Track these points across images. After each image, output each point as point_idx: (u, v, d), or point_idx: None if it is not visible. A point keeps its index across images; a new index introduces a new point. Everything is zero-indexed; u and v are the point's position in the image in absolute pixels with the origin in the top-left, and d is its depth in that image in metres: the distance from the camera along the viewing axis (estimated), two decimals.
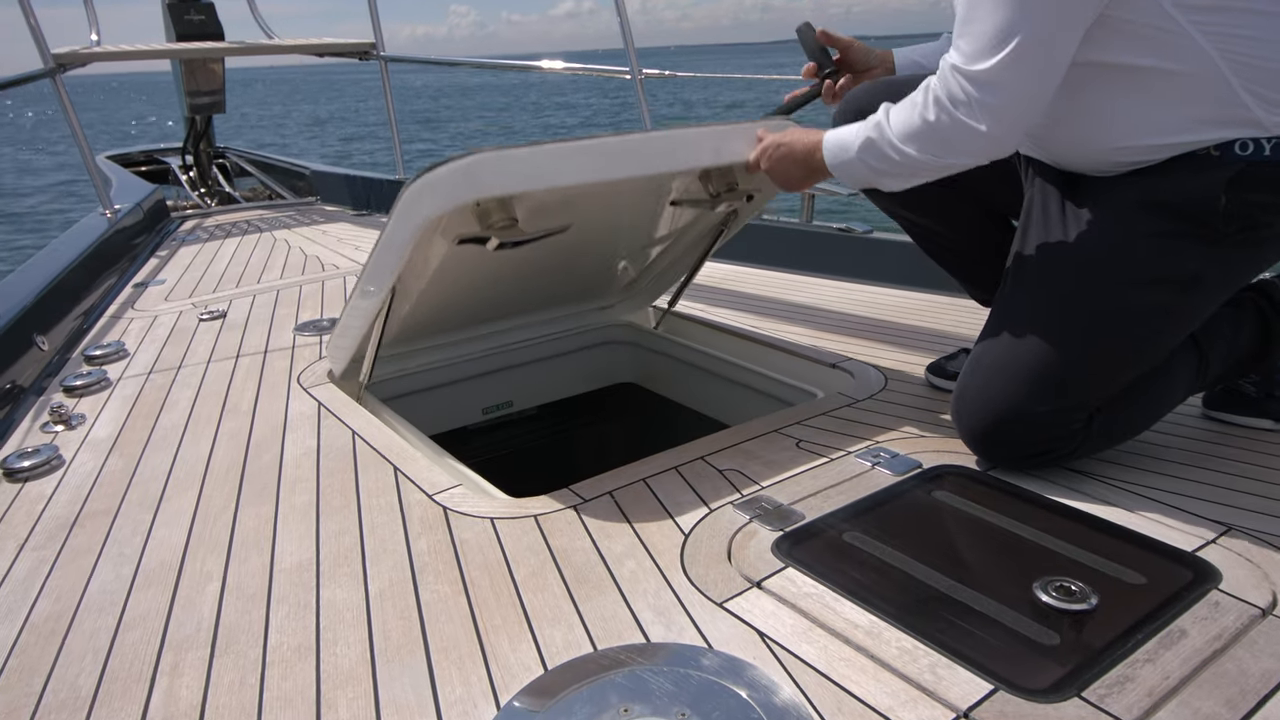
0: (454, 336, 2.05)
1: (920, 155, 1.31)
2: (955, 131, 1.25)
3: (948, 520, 1.26)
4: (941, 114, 1.25)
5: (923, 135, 1.29)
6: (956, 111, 1.24)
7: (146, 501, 1.39)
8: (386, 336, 1.86)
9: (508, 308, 2.08)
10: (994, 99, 1.21)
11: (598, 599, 1.09)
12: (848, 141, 1.40)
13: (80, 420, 1.72)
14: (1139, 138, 1.29)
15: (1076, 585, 1.06)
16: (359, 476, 1.44)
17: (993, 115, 1.22)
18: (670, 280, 2.19)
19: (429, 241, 1.52)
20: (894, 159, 1.33)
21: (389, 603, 1.10)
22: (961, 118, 1.24)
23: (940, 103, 1.25)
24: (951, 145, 1.28)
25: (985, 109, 1.22)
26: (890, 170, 1.36)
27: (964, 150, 1.28)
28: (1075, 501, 1.29)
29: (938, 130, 1.27)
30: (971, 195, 1.64)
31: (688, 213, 1.90)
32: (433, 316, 1.93)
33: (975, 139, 1.25)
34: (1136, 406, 1.39)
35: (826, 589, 1.09)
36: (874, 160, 1.36)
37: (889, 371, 1.84)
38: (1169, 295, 1.30)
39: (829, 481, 1.36)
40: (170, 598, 1.14)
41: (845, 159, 1.41)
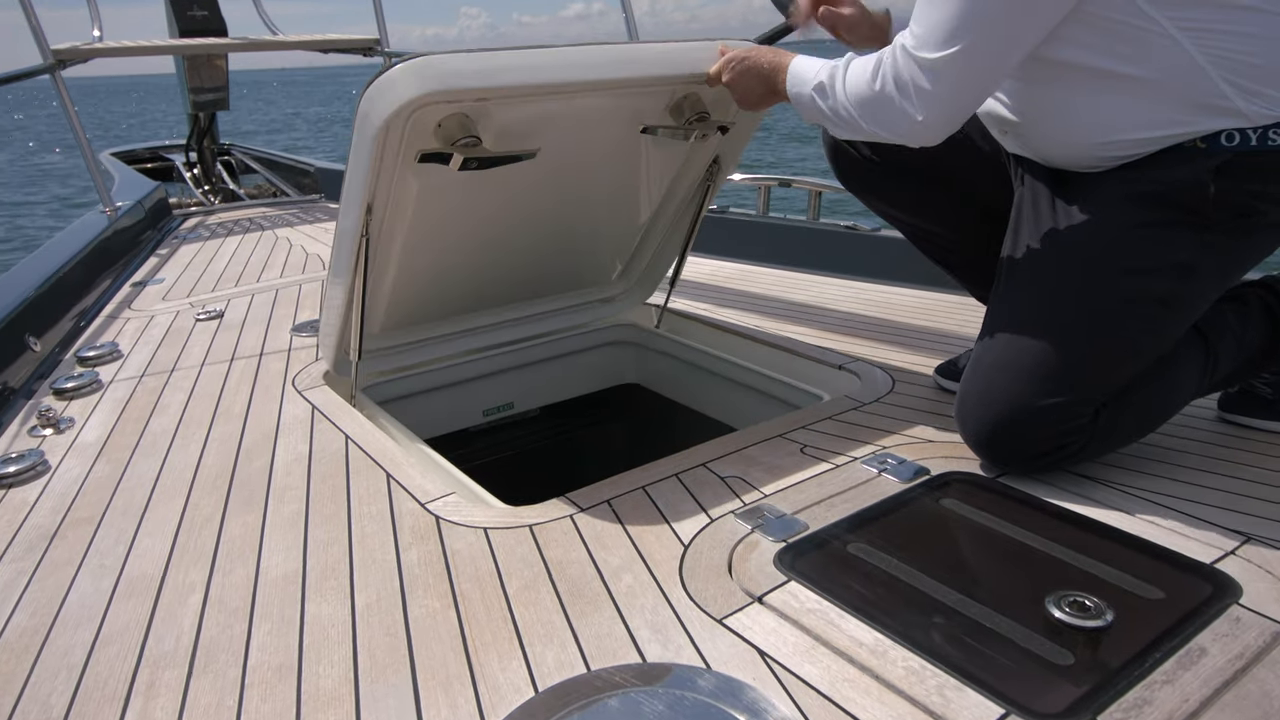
0: (447, 328, 1.99)
1: (858, 118, 1.33)
2: (891, 110, 1.28)
3: (956, 530, 1.22)
4: (885, 88, 1.28)
5: (865, 102, 1.31)
6: (896, 92, 1.26)
7: (131, 509, 1.36)
8: (376, 322, 1.83)
9: (501, 295, 2.03)
10: (935, 88, 1.23)
11: (592, 615, 1.05)
12: (806, 75, 1.42)
13: (69, 424, 1.69)
14: (1123, 133, 1.28)
15: (1091, 600, 1.02)
16: (350, 483, 1.40)
17: (929, 105, 1.25)
18: (666, 261, 2.14)
19: (394, 169, 1.48)
20: (838, 111, 1.36)
21: (375, 618, 1.06)
22: (899, 99, 1.26)
23: (885, 78, 1.28)
24: (884, 121, 1.30)
25: (923, 97, 1.25)
26: (832, 120, 1.39)
27: (895, 130, 1.31)
28: (1087, 509, 1.24)
29: (878, 102, 1.29)
30: (965, 195, 1.62)
31: (668, 162, 1.86)
32: (421, 301, 1.88)
33: (907, 123, 1.28)
34: (1144, 401, 1.35)
35: (830, 604, 1.04)
36: (822, 103, 1.39)
37: (896, 373, 1.79)
38: (1164, 285, 1.28)
39: (834, 489, 1.32)
40: (150, 611, 1.10)
41: (800, 91, 1.43)
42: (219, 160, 5.22)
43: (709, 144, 1.85)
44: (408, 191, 1.56)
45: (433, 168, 1.50)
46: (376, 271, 1.70)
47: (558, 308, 2.16)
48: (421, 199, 1.59)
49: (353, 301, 1.65)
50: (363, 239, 1.54)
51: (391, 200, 1.55)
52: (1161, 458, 1.39)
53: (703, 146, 1.85)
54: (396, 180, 1.52)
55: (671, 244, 2.10)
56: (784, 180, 3.54)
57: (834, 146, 1.69)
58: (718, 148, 1.88)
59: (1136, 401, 1.33)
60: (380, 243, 1.64)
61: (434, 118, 1.43)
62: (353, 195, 1.49)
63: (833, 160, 1.71)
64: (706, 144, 1.84)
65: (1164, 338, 1.31)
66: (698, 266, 2.78)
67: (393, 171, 1.49)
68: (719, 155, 1.89)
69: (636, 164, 1.85)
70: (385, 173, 1.47)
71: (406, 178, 1.53)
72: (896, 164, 1.60)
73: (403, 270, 1.76)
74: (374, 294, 1.76)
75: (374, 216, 1.54)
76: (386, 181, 1.50)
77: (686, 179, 1.94)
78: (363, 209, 1.50)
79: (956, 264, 1.76)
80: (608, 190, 1.89)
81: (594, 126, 1.67)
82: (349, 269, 1.59)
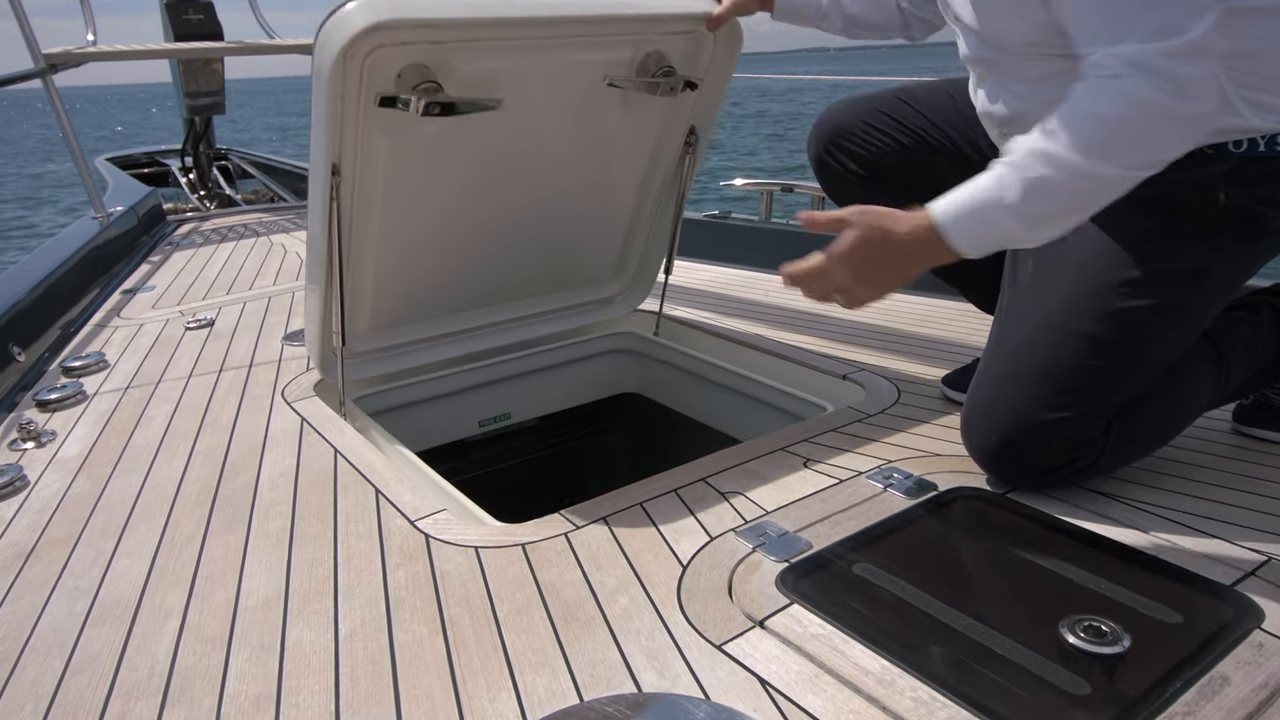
0: (438, 329, 1.95)
1: (1119, 170, 1.06)
2: (1170, 123, 1.04)
3: (965, 549, 1.17)
4: (1162, 103, 1.02)
5: (1134, 137, 1.05)
6: (1172, 98, 1.02)
7: (110, 528, 1.31)
8: (362, 320, 1.79)
9: (493, 292, 1.98)
10: (1203, 70, 1.02)
11: (586, 641, 1.00)
12: (985, 199, 1.10)
13: (50, 437, 1.65)
14: None
15: (1107, 625, 0.97)
16: (338, 500, 1.36)
17: (1209, 89, 1.03)
18: (658, 249, 2.10)
19: (357, 119, 1.45)
20: (1081, 188, 1.07)
21: (359, 644, 1.01)
22: (1175, 103, 1.02)
23: (1148, 95, 1.02)
24: (1171, 138, 1.06)
25: (1198, 84, 1.02)
26: (1064, 207, 1.10)
27: (1184, 139, 1.07)
28: (1100, 527, 1.20)
29: (1162, 122, 1.04)
30: None
31: (644, 130, 1.83)
32: (407, 298, 1.84)
33: (1198, 122, 1.06)
34: (1156, 414, 1.31)
35: (835, 629, 1.00)
36: (1046, 205, 1.09)
37: (901, 383, 1.75)
38: (1173, 293, 1.24)
39: (838, 506, 1.27)
40: (125, 637, 1.05)
41: (992, 220, 1.10)
42: (216, 165, 5.18)
43: (683, 109, 1.82)
44: (375, 153, 1.53)
45: (399, 124, 1.48)
46: (356, 258, 1.67)
47: (554, 308, 2.11)
48: (392, 164, 1.56)
49: (331, 281, 1.61)
50: (333, 203, 1.50)
51: (360, 164, 1.52)
52: (1176, 472, 1.34)
53: (677, 111, 1.82)
54: (362, 138, 1.49)
55: (661, 228, 2.06)
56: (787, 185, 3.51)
57: (820, 161, 1.65)
58: (692, 115, 1.85)
59: (1148, 414, 1.28)
60: (356, 222, 1.61)
61: (392, 64, 1.41)
62: (318, 156, 1.47)
63: (819, 174, 1.68)
64: (680, 108, 1.82)
65: (1174, 347, 1.27)
66: (699, 273, 2.74)
67: (356, 122, 1.46)
68: (695, 124, 1.86)
69: (612, 133, 1.81)
70: (349, 123, 1.45)
71: (373, 137, 1.50)
72: (885, 175, 1.56)
73: (384, 259, 1.72)
74: (356, 286, 1.72)
75: (343, 180, 1.50)
76: (351, 137, 1.47)
77: (666, 151, 1.91)
78: (328, 170, 1.47)
79: (955, 275, 1.73)
80: (587, 168, 1.85)
81: (560, 83, 1.64)
82: (322, 239, 1.56)
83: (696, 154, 1.91)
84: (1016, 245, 1.17)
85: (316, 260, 1.60)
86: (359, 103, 1.43)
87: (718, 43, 1.74)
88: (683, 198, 1.97)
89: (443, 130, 1.57)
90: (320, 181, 1.50)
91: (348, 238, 1.60)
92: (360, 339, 1.84)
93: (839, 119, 1.62)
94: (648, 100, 1.76)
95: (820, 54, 40.70)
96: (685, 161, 1.92)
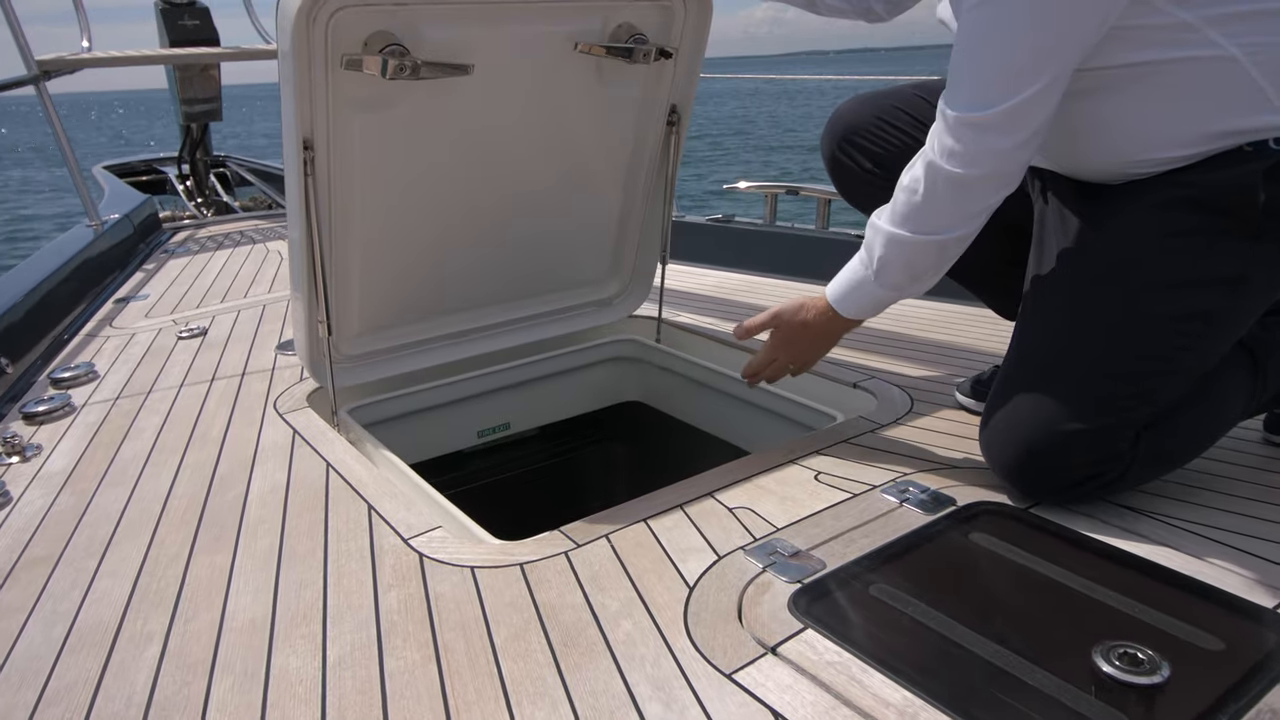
0: (431, 331, 1.89)
1: (926, 236, 1.24)
2: (965, 188, 1.19)
3: (988, 569, 1.11)
4: (941, 174, 1.18)
5: (934, 207, 1.21)
6: (956, 166, 1.17)
7: (92, 547, 1.25)
8: (351, 322, 1.75)
9: (485, 292, 1.93)
10: (1001, 142, 1.14)
11: (588, 668, 0.94)
12: (856, 279, 1.34)
13: (35, 451, 1.59)
14: (1168, 149, 1.18)
15: (1144, 653, 0.91)
16: (329, 517, 1.30)
17: (995, 160, 1.16)
18: (653, 242, 2.06)
19: (325, 87, 1.43)
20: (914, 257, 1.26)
21: (348, 673, 0.96)
22: (959, 171, 1.17)
23: (935, 167, 1.19)
24: (961, 199, 1.21)
25: (992, 153, 1.16)
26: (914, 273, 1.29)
27: (997, 189, 1.20)
28: (1130, 544, 1.14)
29: (950, 191, 1.19)
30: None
31: (624, 108, 1.81)
32: (396, 298, 1.79)
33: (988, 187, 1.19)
34: (1188, 425, 1.24)
35: (852, 656, 0.94)
36: (897, 275, 1.29)
37: (915, 391, 1.69)
38: (1209, 299, 1.17)
39: (852, 522, 1.21)
40: (103, 665, 1.00)
41: (866, 294, 1.34)
42: (214, 172, 5.13)
43: (661, 84, 1.81)
44: (349, 130, 1.50)
45: (370, 96, 1.48)
46: (339, 247, 1.63)
47: (552, 310, 2.06)
48: (367, 143, 1.53)
49: (313, 266, 1.56)
50: (307, 178, 1.47)
51: (334, 140, 1.49)
52: (1207, 485, 1.28)
53: (656, 87, 1.81)
54: (333, 112, 1.46)
55: (653, 220, 2.02)
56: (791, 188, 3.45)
57: (833, 159, 1.60)
58: (671, 91, 1.83)
59: (1179, 425, 1.22)
60: (336, 207, 1.57)
61: (357, 30, 1.40)
62: (289, 131, 1.44)
63: (833, 174, 1.62)
64: (659, 84, 1.80)
65: (1208, 355, 1.20)
66: (702, 278, 2.68)
67: (325, 92, 1.43)
68: (675, 103, 1.85)
69: (591, 112, 1.78)
70: (317, 93, 1.42)
71: (344, 111, 1.47)
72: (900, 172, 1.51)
73: (368, 253, 1.67)
74: (343, 282, 1.68)
75: (316, 155, 1.47)
76: (323, 109, 1.45)
77: (648, 132, 1.88)
78: (300, 144, 1.44)
79: (973, 279, 1.67)
80: (571, 153, 1.82)
81: (532, 55, 1.61)
82: (300, 218, 1.51)
83: (680, 134, 1.88)
84: (907, 295, 1.33)
85: (298, 247, 1.56)
86: (326, 69, 1.41)
87: (688, 12, 1.72)
88: (671, 182, 1.94)
89: (417, 106, 1.54)
90: (294, 158, 1.46)
91: (327, 223, 1.56)
92: (351, 341, 1.79)
93: (852, 116, 1.56)
94: (624, 73, 1.74)
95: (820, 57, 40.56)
96: (670, 142, 1.89)
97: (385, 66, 1.41)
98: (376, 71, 1.41)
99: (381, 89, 1.48)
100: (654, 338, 2.17)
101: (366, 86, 1.46)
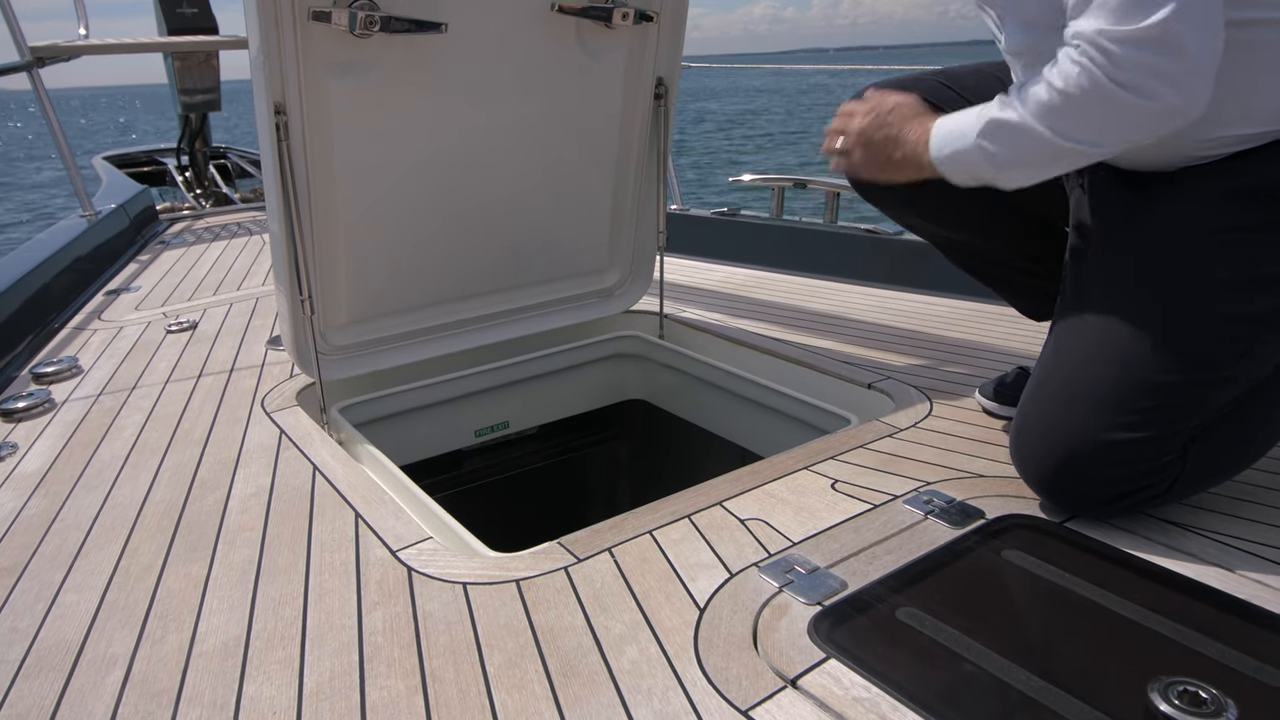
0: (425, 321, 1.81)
1: (1069, 142, 1.04)
2: (1127, 112, 0.99)
3: (1025, 591, 1.03)
4: (1105, 90, 0.98)
5: (1075, 111, 1.02)
6: (1123, 91, 0.98)
7: (60, 557, 1.17)
8: (339, 311, 1.68)
9: (480, 280, 1.86)
10: (1174, 60, 0.95)
11: (589, 701, 0.86)
12: (963, 126, 1.14)
13: (10, 451, 1.51)
14: (1241, 124, 1.07)
15: (1206, 691, 0.82)
16: (313, 525, 1.22)
17: (1177, 82, 0.96)
18: (649, 225, 2.00)
19: (294, 45, 1.39)
20: (1031, 140, 1.07)
21: (325, 703, 0.87)
22: (1133, 96, 0.98)
23: (1097, 79, 0.99)
24: (1126, 126, 1.02)
25: (1166, 77, 0.96)
26: (1021, 158, 1.10)
27: (1143, 128, 1.02)
28: (1178, 564, 1.05)
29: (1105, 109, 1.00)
30: (1002, 200, 1.40)
31: (609, 81, 1.77)
32: (386, 283, 1.72)
33: (1158, 114, 0.99)
34: (1240, 435, 1.16)
35: (881, 692, 0.85)
36: (1001, 145, 1.10)
37: (933, 393, 1.60)
38: (1267, 300, 1.08)
39: (874, 536, 1.13)
40: (60, 691, 0.92)
41: (960, 148, 1.14)
42: (214, 164, 5.05)
43: (645, 53, 1.78)
44: (323, 96, 1.46)
45: (342, 59, 1.45)
46: (321, 225, 1.57)
47: (550, 300, 1.97)
48: (342, 113, 1.49)
49: (293, 241, 1.50)
50: (282, 144, 1.42)
51: (307, 107, 1.45)
52: (1258, 499, 1.19)
53: (640, 56, 1.79)
54: (305, 77, 1.42)
55: (649, 205, 1.97)
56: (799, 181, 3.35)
57: None
58: (656, 62, 1.80)
59: (1230, 435, 1.13)
60: (314, 180, 1.51)
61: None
62: (260, 98, 1.40)
63: None
64: (643, 53, 1.78)
65: (1264, 361, 1.11)
66: (708, 273, 2.59)
67: (295, 52, 1.39)
68: (661, 75, 1.83)
69: (577, 83, 1.74)
70: (287, 54, 1.39)
71: (317, 75, 1.43)
72: None
73: (353, 233, 1.61)
74: (328, 265, 1.62)
75: (289, 121, 1.43)
76: (294, 73, 1.41)
77: (636, 104, 1.83)
78: (271, 110, 1.40)
79: (996, 277, 1.58)
80: (558, 126, 1.76)
81: (508, 17, 1.58)
82: (276, 190, 1.45)
83: (669, 109, 1.85)
84: (989, 182, 1.15)
85: (276, 220, 1.49)
86: (294, 25, 1.37)
87: None
88: (662, 160, 1.90)
89: (393, 71, 1.50)
90: (266, 122, 1.41)
91: (305, 196, 1.50)
92: (340, 331, 1.71)
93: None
94: (606, 38, 1.70)
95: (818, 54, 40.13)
96: (659, 117, 1.86)
97: (354, 20, 1.38)
98: (345, 25, 1.38)
99: (355, 51, 1.44)
100: (657, 333, 2.08)
101: (338, 46, 1.43)
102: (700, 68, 3.83)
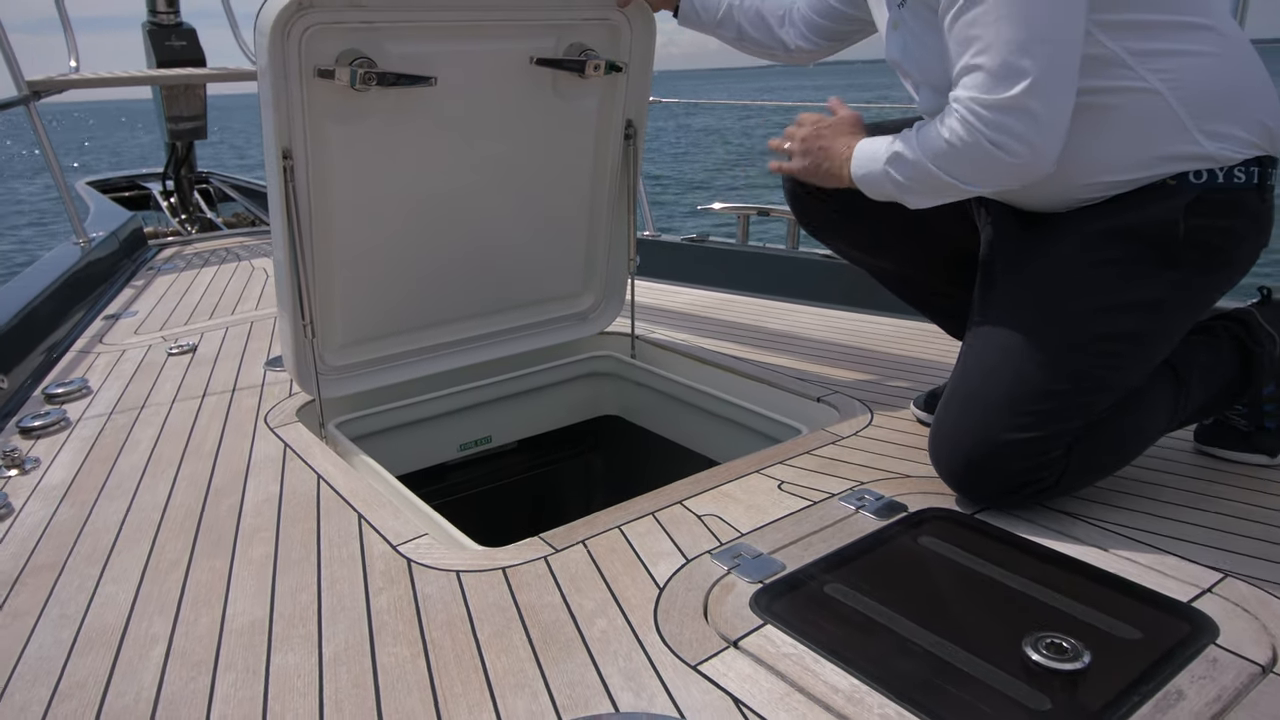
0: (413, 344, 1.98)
1: (949, 179, 1.28)
2: (994, 163, 1.22)
3: (934, 569, 1.21)
4: (978, 142, 1.21)
5: (953, 158, 1.25)
6: (992, 145, 1.21)
7: (95, 555, 1.33)
8: (334, 334, 1.85)
9: (465, 305, 2.03)
10: (1030, 124, 1.18)
11: (565, 662, 1.03)
12: (876, 151, 1.37)
13: (34, 464, 1.66)
14: (1110, 173, 1.29)
15: (1068, 642, 1.01)
16: (321, 525, 1.38)
17: (1033, 141, 1.19)
18: (622, 259, 2.19)
19: (300, 101, 1.57)
20: (925, 173, 1.30)
21: (343, 668, 1.04)
22: (997, 151, 1.21)
23: (975, 131, 1.21)
24: (989, 174, 1.25)
25: (1022, 137, 1.19)
26: (911, 188, 1.34)
27: (1005, 178, 1.26)
28: (1065, 546, 1.24)
29: (975, 159, 1.23)
30: (927, 235, 1.62)
31: (582, 124, 1.96)
32: (379, 311, 1.89)
33: (1016, 168, 1.22)
34: (1117, 435, 1.35)
35: (806, 649, 1.03)
36: (901, 174, 1.33)
37: (874, 404, 1.79)
38: (1133, 321, 1.29)
39: (811, 527, 1.31)
40: (111, 663, 1.07)
41: (869, 170, 1.38)
42: (197, 189, 5.18)
43: (616, 99, 1.96)
44: (326, 141, 1.63)
45: (344, 107, 1.62)
46: (320, 256, 1.74)
47: (530, 323, 2.15)
48: (343, 153, 1.67)
49: (296, 272, 1.67)
50: (288, 185, 1.60)
51: (312, 150, 1.62)
52: (1139, 491, 1.39)
53: (611, 101, 1.96)
54: (310, 123, 1.59)
55: (619, 235, 2.16)
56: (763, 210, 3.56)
57: (793, 192, 1.68)
58: (625, 106, 1.99)
59: (1109, 435, 1.33)
60: (315, 217, 1.68)
61: (328, 46, 1.56)
62: (270, 143, 1.57)
63: (793, 204, 1.70)
64: (613, 99, 1.96)
65: (1134, 374, 1.31)
66: (678, 295, 2.78)
67: (301, 102, 1.56)
68: (631, 118, 2.01)
69: (553, 127, 1.92)
70: (294, 104, 1.56)
71: (320, 122, 1.61)
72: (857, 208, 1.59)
73: (351, 266, 1.78)
74: (326, 292, 1.78)
75: (295, 165, 1.60)
76: (299, 120, 1.58)
77: (607, 145, 2.02)
78: (279, 154, 1.57)
79: (925, 302, 1.78)
80: (536, 166, 1.95)
81: (492, 71, 1.76)
82: (282, 225, 1.63)
83: (638, 148, 2.04)
84: (895, 199, 1.37)
85: (281, 252, 1.66)
86: (301, 81, 1.54)
87: (633, 28, 1.88)
88: (632, 194, 2.09)
89: (388, 118, 1.68)
90: (274, 165, 1.58)
91: (308, 230, 1.68)
92: (336, 353, 1.87)
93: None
94: (579, 87, 1.89)
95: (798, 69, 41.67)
96: (629, 155, 2.04)
97: (354, 76, 1.57)
98: (346, 81, 1.56)
99: (354, 101, 1.62)
100: (629, 353, 2.26)
101: (339, 98, 1.60)
102: (670, 102, 4.03)
